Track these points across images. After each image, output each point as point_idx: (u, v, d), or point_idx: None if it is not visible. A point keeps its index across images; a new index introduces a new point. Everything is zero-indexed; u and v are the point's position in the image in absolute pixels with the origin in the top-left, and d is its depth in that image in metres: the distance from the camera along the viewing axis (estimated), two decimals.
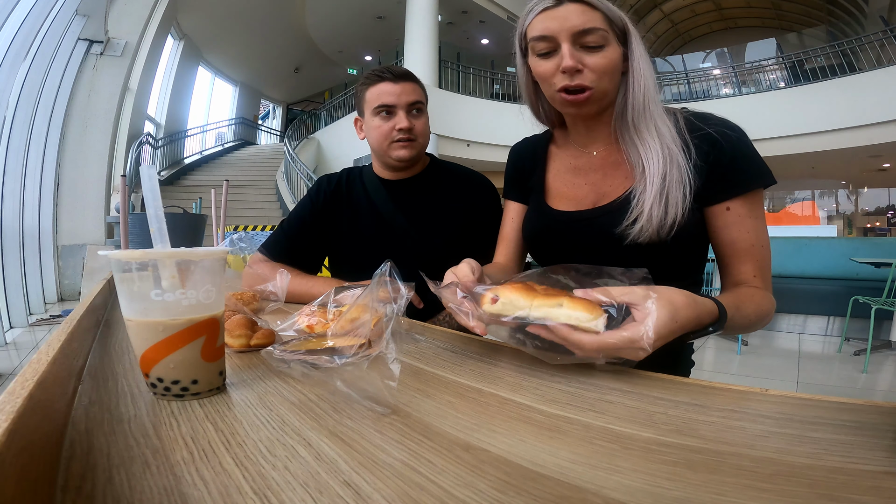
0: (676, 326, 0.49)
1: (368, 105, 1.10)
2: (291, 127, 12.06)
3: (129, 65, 5.72)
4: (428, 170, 1.20)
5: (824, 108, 7.86)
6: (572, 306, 0.47)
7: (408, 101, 1.08)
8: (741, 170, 0.70)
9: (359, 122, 1.18)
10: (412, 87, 1.10)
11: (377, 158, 1.18)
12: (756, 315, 0.66)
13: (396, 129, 1.08)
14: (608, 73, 0.71)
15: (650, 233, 0.69)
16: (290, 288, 0.93)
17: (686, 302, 0.51)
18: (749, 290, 0.70)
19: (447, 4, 9.76)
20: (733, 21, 14.67)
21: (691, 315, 0.52)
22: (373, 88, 1.09)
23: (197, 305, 0.41)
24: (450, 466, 0.29)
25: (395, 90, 1.08)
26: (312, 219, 1.16)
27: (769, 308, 0.69)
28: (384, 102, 1.08)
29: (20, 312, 3.80)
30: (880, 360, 3.12)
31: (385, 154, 1.12)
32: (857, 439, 0.33)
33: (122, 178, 2.56)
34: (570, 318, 0.46)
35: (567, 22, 0.69)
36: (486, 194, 1.17)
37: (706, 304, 0.55)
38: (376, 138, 1.11)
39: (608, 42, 0.70)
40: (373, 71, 1.12)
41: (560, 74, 0.71)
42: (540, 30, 0.71)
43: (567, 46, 0.70)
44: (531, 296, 0.48)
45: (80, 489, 0.26)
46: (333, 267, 1.22)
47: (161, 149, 8.69)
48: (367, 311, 0.50)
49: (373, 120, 1.10)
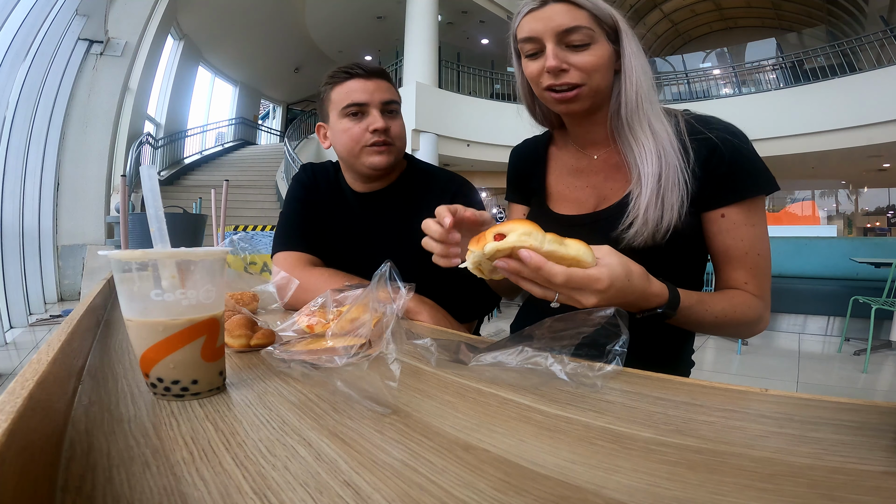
0: (628, 285, 0.54)
1: (335, 106, 0.97)
2: (291, 127, 12.07)
3: (129, 65, 5.72)
4: (403, 176, 1.07)
5: (824, 108, 7.86)
6: (577, 245, 0.51)
7: (382, 100, 0.95)
8: (739, 177, 0.70)
9: (322, 129, 1.03)
10: (386, 85, 0.97)
11: (347, 168, 1.04)
12: (727, 314, 0.66)
13: (370, 130, 0.94)
14: (597, 70, 0.71)
15: (645, 236, 0.69)
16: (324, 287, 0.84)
17: (640, 272, 0.56)
18: (733, 292, 0.71)
19: (447, 4, 9.76)
20: (733, 21, 14.67)
21: (641, 285, 0.56)
22: (340, 87, 0.96)
23: (197, 305, 0.41)
24: (450, 466, 0.29)
25: (368, 87, 0.95)
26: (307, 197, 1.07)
27: (750, 314, 0.68)
28: (354, 101, 0.94)
29: (20, 312, 3.80)
30: (880, 360, 3.12)
31: (357, 162, 0.98)
32: (857, 439, 0.33)
33: (122, 178, 2.57)
34: (578, 252, 0.51)
35: (551, 22, 0.70)
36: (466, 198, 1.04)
37: (658, 284, 0.59)
38: (346, 143, 0.96)
39: (595, 40, 0.70)
40: (339, 68, 0.97)
41: (546, 74, 0.72)
42: (526, 31, 0.72)
43: (551, 46, 0.70)
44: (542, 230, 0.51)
45: (80, 489, 0.26)
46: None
47: (161, 149, 8.69)
48: (367, 311, 0.50)
49: (340, 122, 0.96)
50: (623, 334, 0.47)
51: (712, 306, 0.66)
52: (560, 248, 0.50)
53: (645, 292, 0.57)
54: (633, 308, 0.59)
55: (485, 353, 0.51)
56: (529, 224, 0.51)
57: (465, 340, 0.63)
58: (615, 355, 0.47)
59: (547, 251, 0.50)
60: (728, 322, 0.67)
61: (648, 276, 0.58)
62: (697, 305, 0.64)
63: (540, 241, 0.50)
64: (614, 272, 0.52)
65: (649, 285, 0.58)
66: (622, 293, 0.54)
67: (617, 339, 0.47)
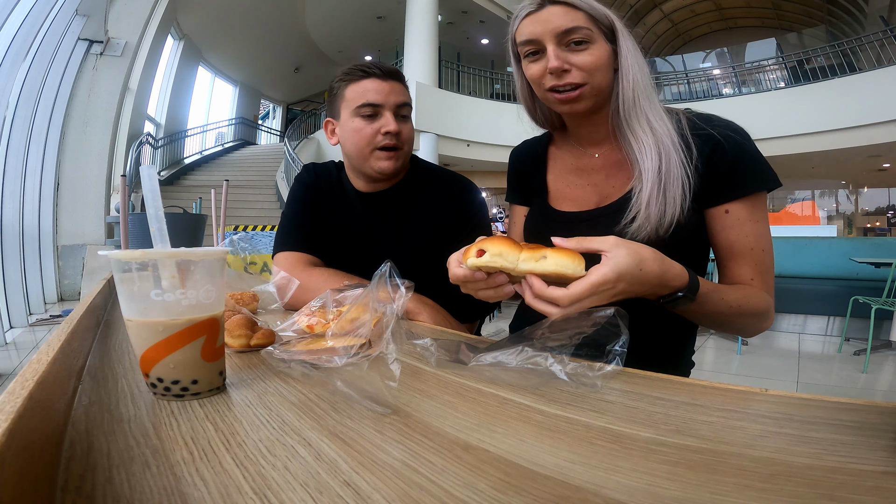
0: (641, 274, 0.52)
1: (348, 104, 0.95)
2: (291, 127, 12.07)
3: (129, 65, 5.72)
4: (408, 177, 1.06)
5: (824, 108, 7.86)
6: (557, 256, 0.49)
7: (396, 102, 0.95)
8: (742, 173, 0.70)
9: (331, 125, 1.02)
10: (401, 87, 0.97)
11: (353, 168, 1.03)
12: (741, 304, 0.66)
13: (382, 132, 0.94)
14: (597, 69, 0.72)
15: (648, 230, 0.69)
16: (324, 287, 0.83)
17: (653, 256, 0.54)
18: (742, 285, 0.70)
19: (447, 4, 9.76)
20: (733, 21, 14.67)
21: (656, 269, 0.54)
22: (355, 85, 0.95)
23: (197, 305, 0.41)
24: (450, 466, 0.29)
25: (384, 88, 0.94)
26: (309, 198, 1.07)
27: (762, 305, 0.68)
28: (369, 101, 0.93)
29: (20, 312, 3.80)
30: (880, 360, 3.12)
31: (364, 163, 0.97)
32: (857, 439, 0.33)
33: (122, 178, 2.57)
34: (557, 266, 0.48)
35: (550, 24, 0.71)
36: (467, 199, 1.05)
37: (675, 266, 0.58)
38: (356, 143, 0.95)
39: (593, 40, 0.71)
40: (356, 66, 0.96)
41: (548, 76, 0.73)
42: (526, 34, 0.73)
43: (552, 48, 0.71)
44: (518, 249, 0.50)
45: (80, 489, 0.26)
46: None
47: (161, 149, 8.69)
48: (367, 311, 0.50)
49: (352, 121, 0.95)
50: (623, 334, 0.47)
51: (727, 294, 0.65)
52: (536, 265, 0.49)
53: (663, 277, 0.56)
54: (653, 295, 0.58)
55: (485, 354, 0.51)
56: (504, 243, 0.50)
57: (465, 340, 0.63)
58: (615, 355, 0.47)
59: (522, 270, 0.49)
60: (742, 312, 0.66)
61: (664, 259, 0.56)
62: (714, 293, 0.63)
63: (512, 262, 0.49)
64: (620, 266, 0.51)
65: (667, 268, 0.56)
66: (637, 282, 0.52)
67: (617, 339, 0.47)
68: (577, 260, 0.49)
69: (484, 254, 0.50)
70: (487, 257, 0.50)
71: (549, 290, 0.49)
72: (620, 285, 0.51)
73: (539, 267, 0.49)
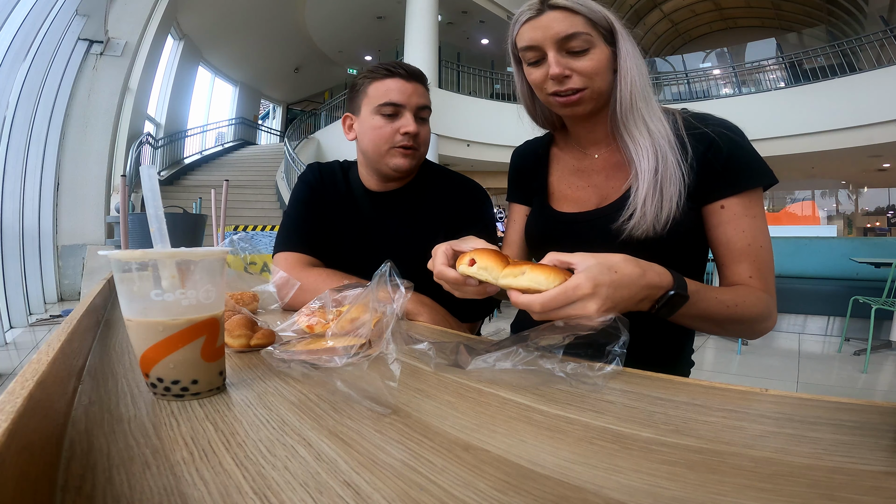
0: (618, 277, 0.52)
1: (370, 101, 0.96)
2: (291, 127, 12.05)
3: (129, 65, 5.71)
4: (418, 178, 1.07)
5: (824, 108, 7.87)
6: (533, 273, 0.52)
7: (417, 104, 0.96)
8: (737, 169, 0.70)
9: (349, 120, 1.02)
10: (423, 89, 0.98)
11: (368, 165, 1.03)
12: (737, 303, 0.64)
13: (401, 132, 0.95)
14: (597, 73, 0.72)
15: (645, 227, 0.70)
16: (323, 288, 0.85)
17: (624, 258, 0.54)
18: (740, 286, 0.69)
19: (447, 4, 9.76)
20: (733, 21, 14.67)
21: (633, 269, 0.54)
22: (379, 83, 0.95)
23: (197, 305, 0.41)
24: (450, 466, 0.29)
25: (406, 89, 0.95)
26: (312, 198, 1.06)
27: (760, 304, 0.67)
28: (392, 100, 0.94)
29: (20, 312, 3.80)
30: (880, 360, 3.12)
31: (381, 160, 0.98)
32: (857, 439, 0.33)
33: (122, 178, 2.57)
34: (531, 282, 0.51)
35: (550, 30, 0.71)
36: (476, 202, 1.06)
37: (653, 265, 0.57)
38: (374, 140, 0.96)
39: (593, 44, 0.72)
40: (381, 64, 0.97)
41: (550, 81, 0.73)
42: (526, 40, 0.73)
43: (553, 54, 0.71)
44: (502, 264, 0.54)
45: (80, 489, 0.26)
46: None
47: (161, 149, 8.69)
48: (367, 311, 0.50)
49: (372, 119, 0.96)
50: (623, 335, 0.47)
51: (721, 294, 0.64)
52: (514, 280, 0.52)
53: (644, 276, 0.54)
54: (646, 302, 0.56)
55: (484, 355, 0.51)
56: (492, 258, 0.54)
57: (465, 341, 0.63)
58: (615, 356, 0.47)
59: (502, 285, 0.53)
60: (738, 313, 0.64)
61: (638, 260, 0.55)
62: (706, 291, 0.62)
63: (495, 277, 0.54)
64: (592, 271, 0.50)
65: (645, 267, 0.55)
66: (618, 285, 0.52)
67: (617, 340, 0.47)
68: (553, 276, 0.51)
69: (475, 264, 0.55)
70: (475, 269, 0.55)
71: (522, 298, 0.51)
72: (603, 290, 0.50)
73: (516, 282, 0.52)
